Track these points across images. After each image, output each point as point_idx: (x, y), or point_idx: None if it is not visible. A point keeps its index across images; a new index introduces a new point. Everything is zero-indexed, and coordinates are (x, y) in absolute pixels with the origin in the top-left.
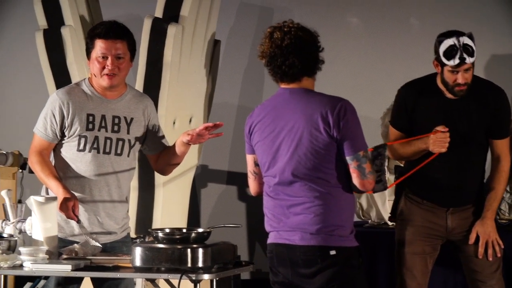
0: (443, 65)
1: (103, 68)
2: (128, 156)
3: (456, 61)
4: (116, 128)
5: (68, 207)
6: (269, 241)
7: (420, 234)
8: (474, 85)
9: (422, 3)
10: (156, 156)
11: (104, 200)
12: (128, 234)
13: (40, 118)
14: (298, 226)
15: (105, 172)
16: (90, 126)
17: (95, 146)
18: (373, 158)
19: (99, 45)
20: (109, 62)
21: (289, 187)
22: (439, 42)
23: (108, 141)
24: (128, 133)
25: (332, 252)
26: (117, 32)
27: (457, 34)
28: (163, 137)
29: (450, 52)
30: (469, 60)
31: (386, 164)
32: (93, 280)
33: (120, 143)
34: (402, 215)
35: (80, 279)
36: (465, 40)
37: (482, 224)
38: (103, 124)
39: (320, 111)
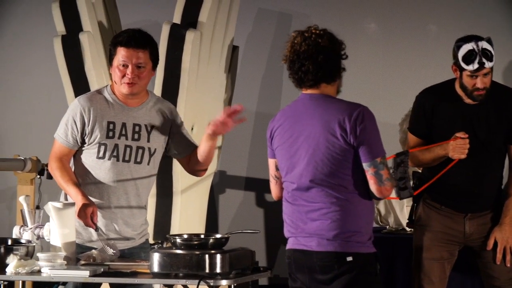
0: (462, 70)
1: (124, 76)
2: (148, 164)
3: (475, 65)
4: (136, 136)
5: (86, 215)
6: (288, 247)
7: (438, 240)
8: (492, 91)
9: (440, 9)
10: (187, 158)
11: (122, 207)
12: (147, 240)
13: (61, 124)
14: (315, 232)
15: (124, 180)
16: (110, 134)
17: (114, 154)
18: (396, 166)
19: (121, 53)
20: (129, 70)
21: (306, 193)
22: (457, 47)
23: (128, 149)
24: (148, 141)
25: (349, 258)
26: (139, 41)
27: (476, 38)
28: (190, 138)
29: (469, 57)
30: (488, 64)
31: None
32: (112, 286)
33: (140, 151)
34: (420, 221)
35: (98, 285)
36: (484, 44)
37: (500, 230)
38: (123, 132)
39: (338, 117)
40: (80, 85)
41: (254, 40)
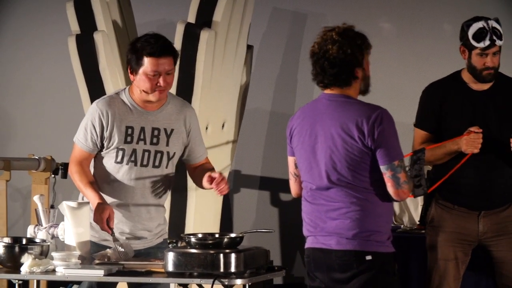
0: (471, 49)
1: (156, 84)
2: (166, 167)
3: (487, 42)
4: (155, 140)
5: (102, 219)
6: (306, 246)
7: (452, 241)
8: (501, 80)
9: (455, 9)
10: (192, 167)
11: (139, 206)
12: (165, 240)
13: (80, 128)
14: (334, 231)
15: (142, 183)
16: (129, 138)
17: (132, 159)
18: (412, 163)
19: (151, 63)
20: (161, 79)
21: (326, 192)
22: (467, 25)
23: (146, 154)
24: (167, 145)
25: (368, 257)
26: (167, 49)
27: (485, 18)
28: (201, 149)
29: (480, 34)
30: (498, 42)
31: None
32: (129, 286)
33: (159, 155)
34: (433, 222)
35: (114, 285)
36: (493, 23)
37: None
38: (141, 137)
39: (356, 119)
40: (95, 84)
41: (268, 39)
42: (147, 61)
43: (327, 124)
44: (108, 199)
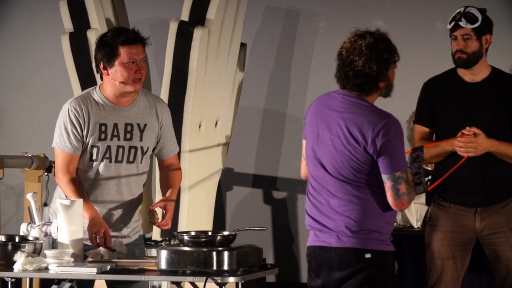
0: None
1: (134, 73)
2: (141, 162)
3: (451, 24)
4: (128, 136)
5: (100, 239)
6: (308, 243)
7: (449, 239)
8: (496, 74)
9: (448, 7)
10: (162, 163)
11: (115, 204)
12: (140, 236)
13: (57, 133)
14: (334, 228)
15: (117, 180)
16: (103, 136)
17: (107, 155)
18: (412, 161)
19: (126, 51)
20: (138, 66)
21: (327, 189)
22: None
23: (121, 150)
24: (141, 140)
25: (367, 255)
26: (139, 37)
27: (469, 6)
28: (171, 145)
29: (453, 18)
30: (465, 24)
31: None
32: (108, 282)
33: (133, 150)
34: (431, 221)
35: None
36: (472, 10)
37: None
38: (115, 133)
39: (362, 124)
40: (88, 82)
41: (262, 37)
42: (122, 50)
43: (335, 123)
44: None
